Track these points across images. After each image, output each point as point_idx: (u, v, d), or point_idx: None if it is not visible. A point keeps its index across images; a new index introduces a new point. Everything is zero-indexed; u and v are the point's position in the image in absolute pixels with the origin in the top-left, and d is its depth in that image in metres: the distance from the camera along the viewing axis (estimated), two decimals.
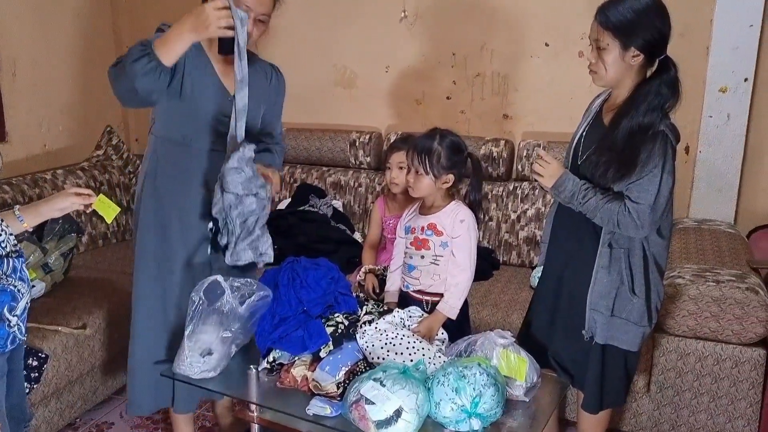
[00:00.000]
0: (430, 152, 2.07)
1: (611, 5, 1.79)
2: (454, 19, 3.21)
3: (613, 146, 1.78)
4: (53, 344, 2.28)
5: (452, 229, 2.10)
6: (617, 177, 1.77)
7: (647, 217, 1.75)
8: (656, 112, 1.77)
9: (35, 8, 3.25)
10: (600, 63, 1.81)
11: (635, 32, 1.75)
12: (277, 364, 2.00)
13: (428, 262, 2.15)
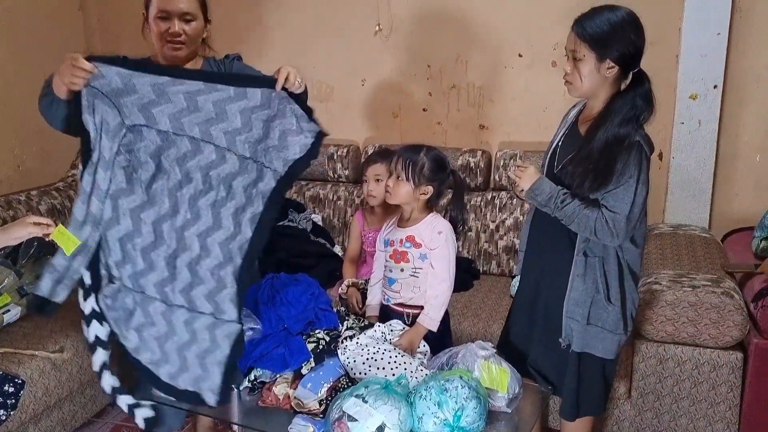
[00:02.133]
0: (415, 160, 2.11)
1: (588, 17, 1.82)
2: (429, 31, 3.24)
3: (590, 157, 1.80)
4: (30, 369, 2.24)
5: (430, 241, 2.11)
6: (594, 187, 1.80)
7: (623, 226, 1.78)
8: (631, 123, 1.80)
9: (8, 32, 3.22)
10: (576, 74, 1.84)
11: (611, 45, 1.78)
12: (258, 383, 1.99)
13: (408, 275, 2.16)
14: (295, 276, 2.22)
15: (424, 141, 3.18)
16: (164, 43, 1.97)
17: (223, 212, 1.89)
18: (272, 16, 3.43)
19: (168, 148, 1.85)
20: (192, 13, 1.98)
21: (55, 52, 3.44)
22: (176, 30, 1.95)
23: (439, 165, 2.13)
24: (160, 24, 1.95)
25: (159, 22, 1.95)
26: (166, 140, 1.85)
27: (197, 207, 1.88)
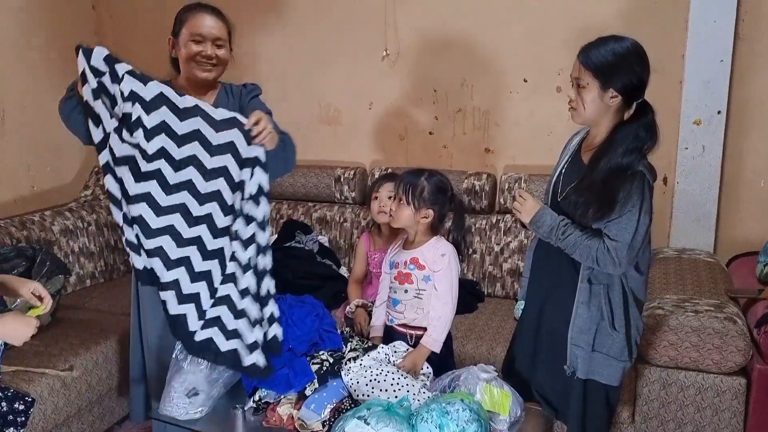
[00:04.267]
0: (415, 185, 2.16)
1: (593, 46, 1.85)
2: (435, 56, 3.29)
3: (593, 186, 1.82)
4: (40, 387, 2.28)
5: (434, 263, 2.15)
6: (597, 217, 1.81)
7: (624, 254, 1.79)
8: (634, 153, 1.81)
9: (23, 55, 3.30)
10: (579, 101, 1.86)
11: (615, 75, 1.81)
12: (263, 403, 2.02)
13: (412, 296, 2.19)
14: (300, 297, 2.26)
15: (429, 164, 3.26)
16: (195, 65, 2.07)
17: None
18: (282, 40, 3.50)
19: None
20: (223, 39, 2.10)
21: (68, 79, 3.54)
22: (209, 53, 2.06)
23: (440, 189, 2.17)
24: (193, 47, 2.05)
25: (192, 45, 2.05)
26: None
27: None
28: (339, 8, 3.38)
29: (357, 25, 3.36)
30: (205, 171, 1.88)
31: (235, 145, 1.87)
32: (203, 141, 1.87)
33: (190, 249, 1.92)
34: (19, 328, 1.61)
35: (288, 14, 3.48)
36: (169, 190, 1.89)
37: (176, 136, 1.86)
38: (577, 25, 2.93)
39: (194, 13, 2.09)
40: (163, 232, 1.90)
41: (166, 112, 1.85)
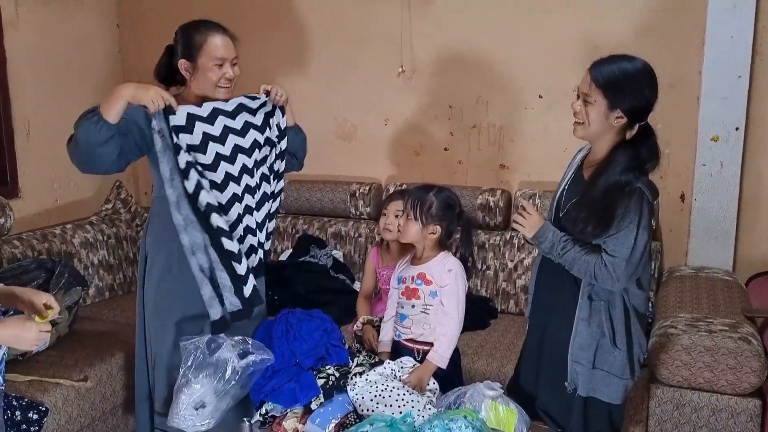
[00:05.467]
0: (423, 200, 2.17)
1: (606, 63, 1.84)
2: (450, 73, 3.31)
3: (591, 203, 1.82)
4: (54, 397, 2.33)
5: (440, 279, 2.15)
6: (596, 233, 1.81)
7: (623, 270, 1.78)
8: (633, 171, 1.81)
9: (48, 72, 3.40)
10: (585, 115, 1.86)
11: (623, 95, 1.80)
12: (269, 417, 2.04)
13: (419, 311, 2.19)
14: (309, 312, 2.27)
15: (444, 179, 3.27)
16: (217, 88, 2.12)
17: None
18: (300, 57, 3.55)
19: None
20: (237, 56, 2.16)
21: (92, 95, 3.65)
22: (231, 74, 2.12)
23: (448, 205, 2.18)
24: (217, 71, 2.10)
25: (216, 70, 2.10)
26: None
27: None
28: (356, 26, 3.42)
29: (373, 42, 3.40)
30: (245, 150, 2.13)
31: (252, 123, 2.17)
32: (235, 131, 2.12)
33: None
34: (19, 332, 1.63)
35: (306, 31, 3.53)
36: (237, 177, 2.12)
37: (216, 137, 2.08)
38: (592, 43, 2.93)
39: (209, 35, 2.10)
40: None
41: (201, 125, 2.06)
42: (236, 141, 2.12)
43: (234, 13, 3.55)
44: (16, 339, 1.64)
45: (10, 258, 2.80)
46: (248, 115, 2.16)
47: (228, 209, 2.11)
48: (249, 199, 2.16)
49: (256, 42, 3.48)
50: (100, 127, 1.94)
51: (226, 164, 2.10)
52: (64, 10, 3.47)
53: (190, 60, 2.12)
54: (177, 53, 2.14)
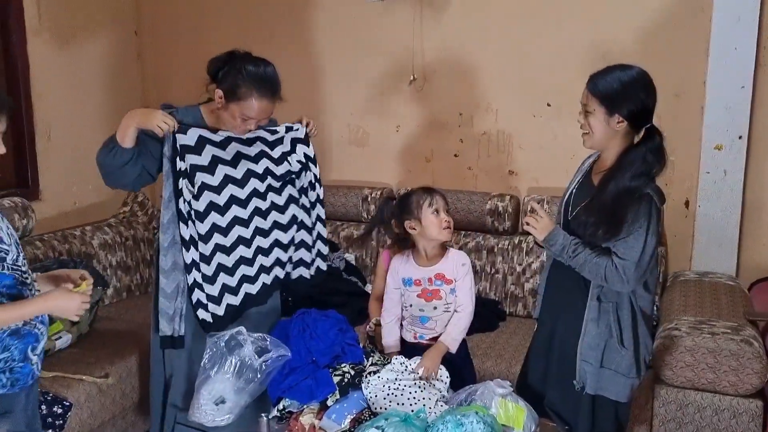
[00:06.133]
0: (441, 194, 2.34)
1: (601, 75, 1.94)
2: (460, 81, 3.39)
3: (602, 208, 1.90)
4: (77, 393, 2.41)
5: (456, 274, 2.24)
6: (606, 237, 1.89)
7: (632, 273, 1.85)
8: (642, 177, 1.88)
9: (69, 77, 3.50)
10: (588, 126, 1.95)
11: (619, 101, 1.88)
12: (286, 413, 2.10)
13: (442, 311, 2.25)
14: (325, 312, 2.35)
15: (455, 185, 3.37)
16: (235, 129, 2.19)
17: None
18: (315, 65, 3.64)
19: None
20: (272, 113, 2.22)
21: (111, 100, 3.75)
22: (252, 128, 2.20)
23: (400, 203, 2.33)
24: (240, 122, 2.15)
25: (240, 120, 2.15)
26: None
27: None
28: (369, 36, 3.51)
29: (386, 51, 3.49)
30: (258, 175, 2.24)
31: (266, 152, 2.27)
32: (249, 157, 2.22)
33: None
34: (64, 303, 1.74)
35: (321, 41, 3.62)
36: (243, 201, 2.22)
37: (227, 161, 2.17)
38: (599, 52, 3.00)
39: (253, 97, 2.10)
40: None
41: (211, 148, 2.15)
42: (249, 165, 2.21)
43: (250, 22, 3.65)
44: (61, 309, 1.76)
45: (33, 258, 2.89)
46: (263, 146, 2.25)
47: (228, 231, 2.20)
48: (260, 222, 2.26)
49: (272, 51, 3.52)
50: (115, 153, 2.10)
51: (234, 187, 2.18)
52: (84, 17, 3.58)
53: (226, 97, 2.13)
54: (225, 79, 2.13)
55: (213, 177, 2.15)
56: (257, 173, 2.23)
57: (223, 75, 2.14)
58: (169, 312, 2.20)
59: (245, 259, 2.25)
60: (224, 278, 2.22)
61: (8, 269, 1.71)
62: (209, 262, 2.19)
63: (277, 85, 2.18)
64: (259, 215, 2.25)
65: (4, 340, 1.69)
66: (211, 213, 2.16)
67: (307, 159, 2.34)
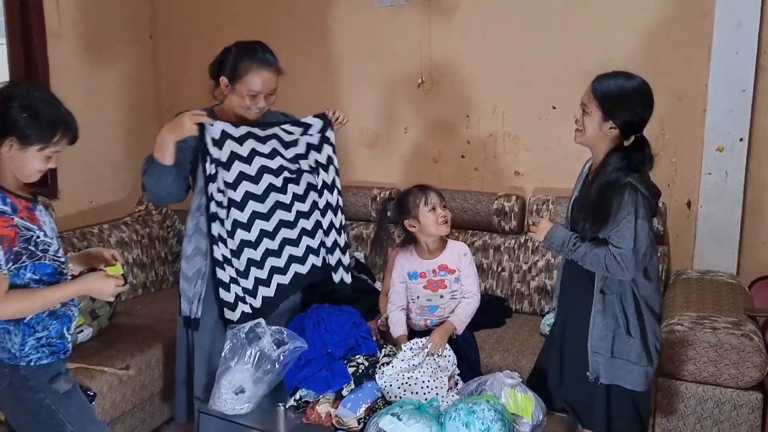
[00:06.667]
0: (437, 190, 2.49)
1: (605, 78, 2.02)
2: (468, 84, 3.48)
3: (588, 202, 2.00)
4: (99, 383, 2.49)
5: (459, 264, 2.38)
6: (594, 228, 1.98)
7: (630, 259, 1.93)
8: (623, 170, 1.96)
9: (86, 79, 3.59)
10: (582, 123, 2.05)
11: (617, 109, 1.97)
12: (303, 402, 2.19)
13: (448, 299, 2.40)
14: (339, 306, 2.43)
15: (461, 185, 3.45)
16: (246, 111, 2.26)
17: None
18: (325, 68, 3.73)
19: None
20: (275, 88, 2.29)
21: (126, 103, 3.84)
22: (263, 105, 2.26)
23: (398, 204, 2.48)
24: (248, 100, 2.23)
25: (247, 99, 2.23)
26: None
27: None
28: (378, 39, 3.60)
29: (395, 54, 3.57)
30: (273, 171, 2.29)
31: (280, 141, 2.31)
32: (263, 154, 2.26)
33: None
34: (100, 286, 1.89)
35: (332, 45, 3.71)
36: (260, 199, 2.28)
37: (243, 158, 2.22)
38: (603, 57, 3.07)
39: (253, 69, 2.21)
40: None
41: (231, 143, 2.19)
42: (263, 162, 2.26)
43: (263, 28, 3.74)
44: (97, 291, 1.91)
45: None
46: (277, 144, 2.29)
47: (249, 226, 2.28)
48: (284, 214, 2.34)
49: (285, 55, 3.59)
50: (161, 175, 2.15)
51: (249, 184, 2.24)
52: (101, 21, 3.67)
53: (230, 81, 2.25)
54: (225, 67, 2.26)
55: (229, 173, 2.21)
56: (271, 169, 2.29)
57: (222, 65, 2.27)
58: (189, 294, 2.29)
59: (272, 251, 2.33)
60: (256, 272, 2.30)
61: (49, 260, 1.86)
62: (239, 257, 2.26)
63: (273, 56, 2.29)
64: (282, 208, 2.33)
65: (45, 320, 1.86)
66: (232, 209, 2.24)
67: (328, 161, 2.37)
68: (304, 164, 2.36)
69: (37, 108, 1.78)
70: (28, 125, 1.76)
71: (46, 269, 1.86)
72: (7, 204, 1.77)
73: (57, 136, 1.81)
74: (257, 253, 2.30)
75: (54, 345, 1.89)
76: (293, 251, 2.38)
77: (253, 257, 2.29)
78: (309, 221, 2.41)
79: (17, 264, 1.78)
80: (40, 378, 1.86)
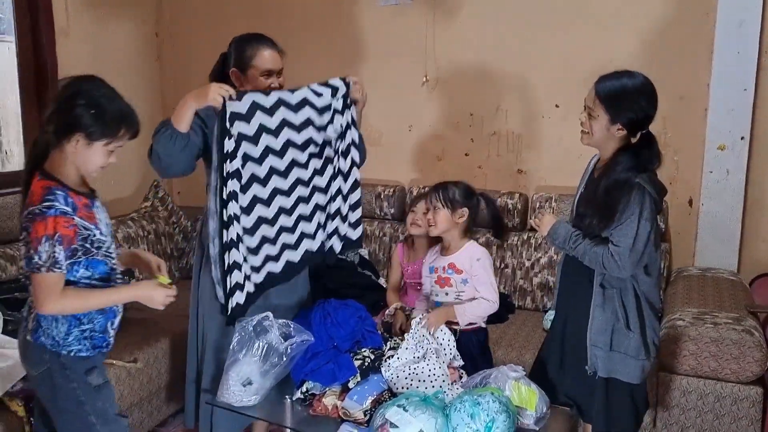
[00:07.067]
0: (446, 189, 2.43)
1: (608, 80, 2.03)
2: (472, 83, 3.51)
3: (596, 200, 2.03)
4: (108, 376, 2.51)
5: (471, 268, 2.38)
6: (600, 226, 2.01)
7: (627, 258, 1.96)
8: (632, 170, 1.99)
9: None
10: (589, 126, 2.07)
11: (623, 110, 1.98)
12: (309, 394, 2.22)
13: (452, 298, 2.41)
14: (344, 301, 2.46)
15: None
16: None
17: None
18: (330, 66, 3.74)
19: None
20: (282, 68, 2.35)
21: (132, 100, 3.86)
22: (277, 84, 2.30)
23: (468, 191, 2.44)
24: (264, 81, 2.28)
25: (262, 80, 2.28)
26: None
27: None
28: (383, 38, 3.64)
29: (399, 53, 3.60)
30: (298, 146, 2.28)
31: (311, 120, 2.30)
32: (293, 126, 2.25)
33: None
34: (152, 294, 1.97)
35: (337, 44, 3.75)
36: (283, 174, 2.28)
37: (271, 130, 2.21)
38: (605, 56, 3.11)
39: (259, 49, 2.29)
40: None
41: (260, 116, 2.17)
42: (290, 135, 2.25)
43: (268, 27, 3.75)
44: (149, 299, 1.98)
45: None
46: (312, 111, 2.27)
47: (270, 202, 2.27)
48: (302, 190, 2.32)
49: (291, 54, 3.65)
50: (175, 139, 2.14)
51: (274, 158, 2.23)
52: (108, 20, 3.70)
53: (241, 71, 2.31)
54: (229, 63, 2.33)
55: (256, 148, 2.19)
56: (297, 144, 2.27)
57: (226, 62, 2.34)
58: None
59: (286, 228, 2.33)
60: (268, 249, 2.30)
61: (102, 256, 1.90)
62: (253, 234, 2.24)
63: (271, 38, 2.35)
64: (303, 185, 2.33)
65: (91, 313, 1.91)
66: (253, 185, 2.22)
67: (351, 123, 2.35)
68: (330, 130, 2.33)
69: (102, 104, 1.82)
70: (94, 121, 1.79)
71: (99, 266, 1.90)
72: (68, 204, 1.80)
73: (121, 131, 1.85)
74: (272, 230, 2.29)
75: (95, 338, 1.94)
76: (306, 228, 2.37)
77: (267, 234, 2.28)
78: (325, 196, 2.40)
79: (71, 260, 1.82)
80: (77, 368, 1.90)
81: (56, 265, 1.76)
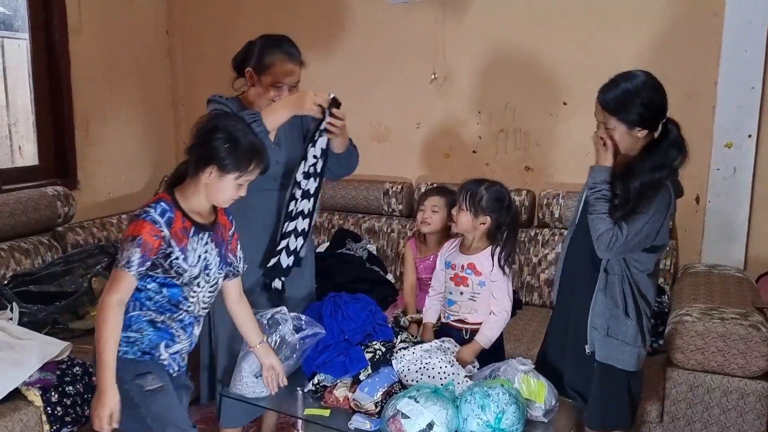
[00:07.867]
0: (475, 192, 2.36)
1: (609, 90, 2.02)
2: (480, 80, 3.53)
3: (629, 192, 2.03)
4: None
5: (490, 273, 2.35)
6: (617, 215, 2.03)
7: (619, 245, 2.00)
8: (665, 169, 2.02)
9: (105, 74, 3.67)
10: (609, 141, 2.05)
11: (634, 112, 1.99)
12: (321, 386, 2.24)
13: (467, 298, 2.40)
14: (355, 295, 2.49)
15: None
16: (270, 103, 2.29)
17: None
18: (339, 63, 3.79)
19: None
20: (299, 80, 2.35)
21: (144, 97, 3.91)
22: (285, 96, 2.29)
23: (497, 198, 2.36)
24: (273, 92, 2.28)
25: (272, 90, 2.28)
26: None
27: None
28: (392, 35, 3.66)
29: (408, 50, 3.63)
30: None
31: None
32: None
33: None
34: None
35: (346, 41, 3.78)
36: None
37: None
38: (613, 55, 3.14)
39: (281, 61, 2.27)
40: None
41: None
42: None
43: (278, 24, 3.80)
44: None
45: (74, 243, 3.05)
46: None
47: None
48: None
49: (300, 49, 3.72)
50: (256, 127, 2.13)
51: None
52: (120, 17, 3.74)
53: (256, 73, 2.30)
54: (250, 59, 2.32)
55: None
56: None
57: (247, 57, 2.33)
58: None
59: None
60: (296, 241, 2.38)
61: (182, 283, 1.93)
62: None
63: (297, 50, 2.34)
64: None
65: (141, 322, 1.93)
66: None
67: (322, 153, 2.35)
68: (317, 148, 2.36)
69: (238, 139, 1.89)
70: (228, 155, 1.87)
71: (173, 290, 1.92)
72: (164, 216, 1.84)
73: (252, 165, 1.92)
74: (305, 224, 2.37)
75: (143, 348, 1.94)
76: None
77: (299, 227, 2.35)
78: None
79: (151, 271, 1.86)
80: (127, 370, 1.90)
81: (128, 264, 1.79)
